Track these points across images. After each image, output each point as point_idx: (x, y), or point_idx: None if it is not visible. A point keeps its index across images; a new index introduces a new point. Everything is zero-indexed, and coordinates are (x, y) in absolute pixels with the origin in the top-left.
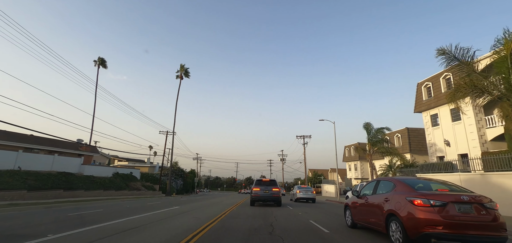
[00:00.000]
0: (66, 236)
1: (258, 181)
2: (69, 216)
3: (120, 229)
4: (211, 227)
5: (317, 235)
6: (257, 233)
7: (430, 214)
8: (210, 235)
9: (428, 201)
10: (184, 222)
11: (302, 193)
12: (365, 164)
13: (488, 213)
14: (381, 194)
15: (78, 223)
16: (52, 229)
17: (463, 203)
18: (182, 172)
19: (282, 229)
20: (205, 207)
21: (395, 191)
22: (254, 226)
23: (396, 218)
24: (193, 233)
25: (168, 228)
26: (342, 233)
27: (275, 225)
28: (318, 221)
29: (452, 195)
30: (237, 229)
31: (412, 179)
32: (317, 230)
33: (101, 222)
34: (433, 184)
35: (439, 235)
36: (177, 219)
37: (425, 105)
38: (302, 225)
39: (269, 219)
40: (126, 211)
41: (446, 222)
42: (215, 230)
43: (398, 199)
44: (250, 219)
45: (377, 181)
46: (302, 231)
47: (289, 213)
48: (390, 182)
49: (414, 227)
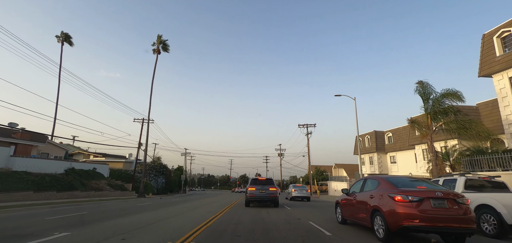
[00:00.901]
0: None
1: (254, 180)
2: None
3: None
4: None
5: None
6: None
7: (408, 208)
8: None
9: (406, 197)
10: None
11: (297, 191)
12: (383, 157)
13: (460, 207)
14: (367, 192)
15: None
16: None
17: (438, 198)
18: (164, 168)
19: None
20: (188, 211)
21: (379, 189)
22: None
23: (379, 213)
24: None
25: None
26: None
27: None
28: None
29: (428, 191)
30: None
31: (395, 177)
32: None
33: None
34: (414, 182)
35: (415, 228)
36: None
37: (501, 63)
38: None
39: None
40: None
41: (422, 215)
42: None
43: (381, 196)
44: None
45: (364, 179)
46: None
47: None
48: (375, 180)
49: (394, 220)
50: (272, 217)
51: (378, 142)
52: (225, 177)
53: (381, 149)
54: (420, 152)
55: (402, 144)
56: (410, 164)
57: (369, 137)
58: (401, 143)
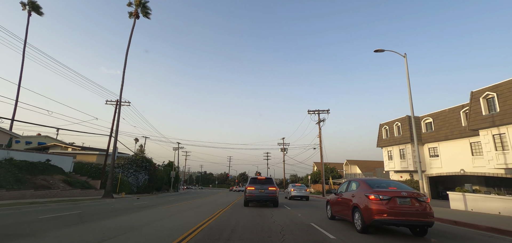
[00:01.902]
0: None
1: (253, 179)
2: None
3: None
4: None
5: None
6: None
7: (379, 205)
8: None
9: (378, 196)
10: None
11: (296, 191)
12: (420, 149)
13: (420, 205)
14: (350, 192)
15: None
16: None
17: (403, 197)
18: (148, 163)
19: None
20: (166, 217)
21: (359, 189)
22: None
23: (358, 209)
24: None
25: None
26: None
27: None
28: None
29: (396, 191)
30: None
31: (373, 179)
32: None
33: None
34: (387, 183)
35: (384, 221)
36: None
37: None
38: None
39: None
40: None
41: (390, 211)
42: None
43: (360, 195)
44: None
45: (348, 181)
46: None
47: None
48: (357, 182)
49: (368, 215)
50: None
51: (412, 130)
52: (223, 175)
53: (416, 139)
54: (489, 139)
55: (448, 132)
56: (461, 156)
57: (400, 125)
58: (448, 131)
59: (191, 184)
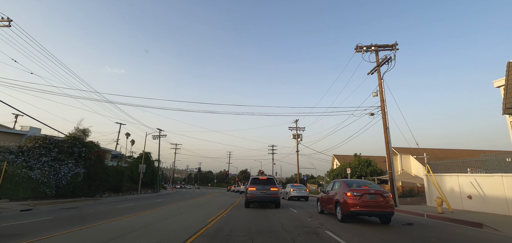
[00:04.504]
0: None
1: (254, 179)
2: None
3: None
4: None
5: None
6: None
7: (354, 200)
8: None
9: (353, 193)
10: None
11: (296, 191)
12: None
13: (384, 199)
14: (334, 190)
15: None
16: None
17: (371, 193)
18: (85, 147)
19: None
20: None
21: (340, 188)
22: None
23: (339, 204)
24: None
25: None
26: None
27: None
28: None
29: (366, 189)
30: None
31: (351, 180)
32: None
33: None
34: (362, 183)
35: (357, 212)
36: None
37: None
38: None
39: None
40: None
41: (361, 204)
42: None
43: (340, 193)
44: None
45: (334, 182)
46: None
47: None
48: (339, 182)
49: (346, 208)
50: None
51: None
52: (222, 173)
53: None
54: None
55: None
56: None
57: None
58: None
59: (189, 183)
